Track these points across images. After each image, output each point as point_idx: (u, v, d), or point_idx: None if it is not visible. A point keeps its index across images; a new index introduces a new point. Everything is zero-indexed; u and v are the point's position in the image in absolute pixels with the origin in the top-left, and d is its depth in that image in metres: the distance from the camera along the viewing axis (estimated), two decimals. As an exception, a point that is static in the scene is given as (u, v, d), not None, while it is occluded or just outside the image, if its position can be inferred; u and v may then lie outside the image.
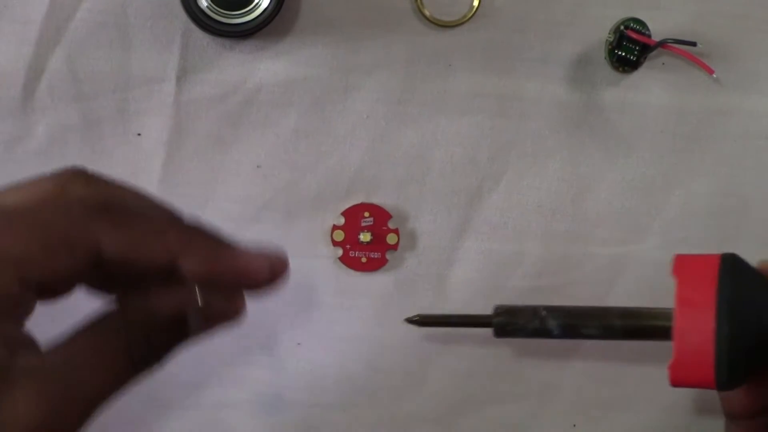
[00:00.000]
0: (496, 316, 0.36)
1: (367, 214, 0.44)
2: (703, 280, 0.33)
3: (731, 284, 0.33)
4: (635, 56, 0.44)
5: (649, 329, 0.35)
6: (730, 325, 0.32)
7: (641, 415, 0.46)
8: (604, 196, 0.45)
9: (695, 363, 0.33)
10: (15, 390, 0.31)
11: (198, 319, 0.35)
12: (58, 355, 0.32)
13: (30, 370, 0.32)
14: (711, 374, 0.33)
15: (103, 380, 0.33)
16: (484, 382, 0.46)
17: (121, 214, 0.32)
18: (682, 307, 0.33)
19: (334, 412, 0.45)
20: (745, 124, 0.45)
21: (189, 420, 0.45)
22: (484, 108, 0.45)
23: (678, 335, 0.33)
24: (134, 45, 0.43)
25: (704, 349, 0.33)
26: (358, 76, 0.44)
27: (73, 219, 0.31)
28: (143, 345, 0.33)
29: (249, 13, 0.42)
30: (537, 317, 0.36)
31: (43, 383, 0.31)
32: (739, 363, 0.33)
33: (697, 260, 0.34)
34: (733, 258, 0.34)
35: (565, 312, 0.36)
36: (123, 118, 0.44)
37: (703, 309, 0.33)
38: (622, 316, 0.36)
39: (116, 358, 0.33)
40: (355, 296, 0.45)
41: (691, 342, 0.33)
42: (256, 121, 0.44)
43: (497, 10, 0.44)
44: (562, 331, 0.36)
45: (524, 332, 0.36)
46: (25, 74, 0.43)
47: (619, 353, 0.46)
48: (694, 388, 0.35)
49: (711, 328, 0.33)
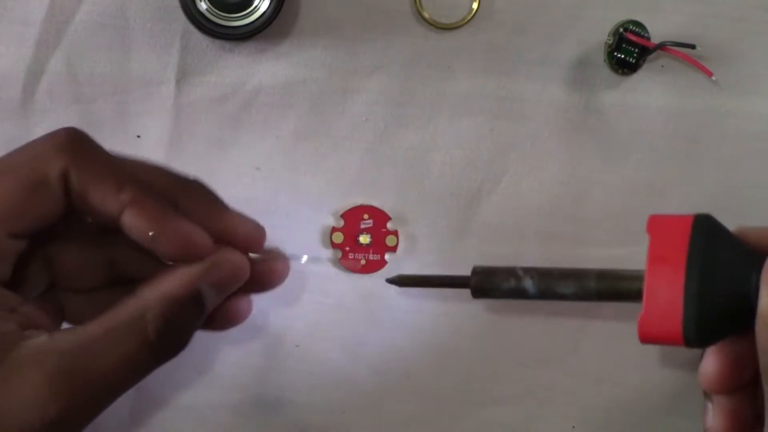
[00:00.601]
0: (473, 276, 0.37)
1: (367, 216, 0.45)
2: (676, 238, 0.33)
3: (703, 243, 0.33)
4: (634, 58, 0.44)
5: (624, 291, 0.36)
6: (699, 282, 0.32)
7: (641, 416, 0.46)
8: (603, 198, 0.45)
9: (664, 319, 0.33)
10: (23, 371, 0.31)
11: (214, 295, 0.36)
12: (69, 339, 0.32)
13: (39, 351, 0.31)
14: (679, 330, 0.33)
15: (117, 366, 0.33)
16: (484, 383, 0.46)
17: (92, 154, 0.34)
18: (652, 264, 0.34)
19: (333, 413, 0.46)
20: (744, 126, 0.45)
21: (188, 420, 0.45)
22: (484, 110, 0.45)
23: (648, 291, 0.33)
24: (134, 47, 0.44)
25: (673, 305, 0.33)
26: (358, 78, 0.44)
27: (45, 156, 0.33)
28: (162, 326, 0.33)
29: (248, 16, 0.42)
30: (513, 277, 0.36)
31: (52, 365, 0.31)
32: (708, 320, 0.33)
33: (671, 220, 0.34)
34: (707, 218, 0.34)
35: (542, 272, 0.36)
36: (122, 120, 0.44)
37: (673, 265, 0.33)
38: (598, 277, 0.36)
39: (132, 343, 0.33)
40: (355, 298, 0.45)
41: (660, 298, 0.33)
42: (255, 123, 0.44)
43: (497, 12, 0.44)
44: (538, 292, 0.36)
45: (500, 292, 0.37)
46: (24, 76, 0.43)
47: (619, 354, 0.46)
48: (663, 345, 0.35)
49: (680, 284, 0.33)
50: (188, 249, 0.35)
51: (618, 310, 0.46)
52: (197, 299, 0.35)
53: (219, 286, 0.36)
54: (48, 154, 0.33)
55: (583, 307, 0.46)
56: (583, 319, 0.46)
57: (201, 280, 0.35)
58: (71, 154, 0.33)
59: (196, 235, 0.35)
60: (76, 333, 0.33)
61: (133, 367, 0.33)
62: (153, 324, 0.33)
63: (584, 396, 0.46)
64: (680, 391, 0.46)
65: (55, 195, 0.33)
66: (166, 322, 0.33)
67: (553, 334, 0.46)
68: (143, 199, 0.34)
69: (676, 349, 0.46)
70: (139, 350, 0.33)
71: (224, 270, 0.36)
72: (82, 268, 0.37)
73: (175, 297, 0.34)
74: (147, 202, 0.34)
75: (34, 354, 0.31)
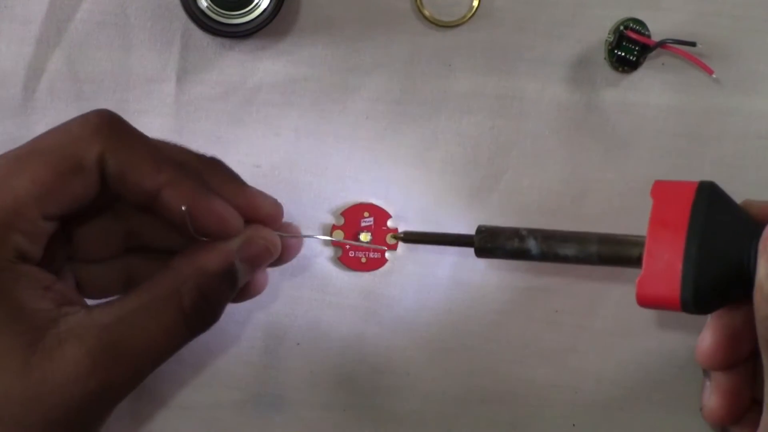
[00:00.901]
0: (478, 235, 0.38)
1: (367, 214, 0.45)
2: (679, 203, 0.34)
3: (705, 210, 0.33)
4: (635, 56, 0.44)
5: (625, 256, 0.36)
6: (699, 247, 0.33)
7: (641, 414, 0.46)
8: (603, 196, 0.45)
9: (662, 282, 0.33)
10: (64, 346, 0.31)
11: (246, 270, 0.37)
12: (108, 313, 0.33)
13: (78, 326, 0.32)
14: (677, 294, 0.33)
15: (156, 339, 0.34)
16: (484, 382, 0.46)
17: (127, 136, 0.35)
18: (654, 227, 0.34)
19: (333, 412, 0.45)
20: (745, 124, 0.45)
21: (188, 420, 0.45)
22: (484, 108, 0.45)
23: (648, 254, 0.34)
24: (134, 45, 0.44)
25: (672, 269, 0.33)
26: (358, 76, 0.44)
27: (81, 140, 0.33)
28: (197, 299, 0.34)
29: (249, 14, 0.42)
30: (517, 237, 0.37)
31: (92, 339, 0.32)
32: (706, 286, 0.33)
33: (675, 185, 0.35)
34: (711, 185, 0.34)
35: (545, 234, 0.37)
36: (123, 117, 0.44)
37: (674, 230, 0.33)
38: (600, 241, 0.36)
39: (169, 315, 0.34)
40: (355, 296, 0.45)
41: (659, 261, 0.33)
42: (256, 121, 0.44)
43: (497, 10, 0.44)
44: (540, 253, 0.37)
45: (504, 252, 0.38)
46: (25, 74, 0.43)
47: (619, 353, 0.46)
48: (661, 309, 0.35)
49: (680, 248, 0.33)
50: (223, 226, 0.36)
51: (618, 309, 0.46)
52: (232, 274, 0.36)
53: (251, 262, 0.37)
54: (83, 139, 0.34)
55: (583, 307, 0.46)
56: (584, 319, 0.46)
57: (235, 255, 0.36)
58: (107, 138, 0.34)
59: (230, 212, 0.36)
60: (114, 307, 0.34)
61: (169, 340, 0.34)
62: (189, 297, 0.34)
63: (584, 395, 0.46)
64: (680, 390, 0.46)
65: (91, 178, 0.34)
66: (201, 296, 0.35)
67: (553, 333, 0.46)
68: (180, 178, 0.35)
69: (677, 349, 0.46)
70: (175, 323, 0.34)
71: (257, 246, 0.37)
72: (101, 240, 0.38)
73: (210, 271, 0.35)
74: (184, 181, 0.35)
75: (74, 329, 0.32)
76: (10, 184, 0.32)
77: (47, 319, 0.32)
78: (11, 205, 0.32)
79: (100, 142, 0.33)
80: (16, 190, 0.32)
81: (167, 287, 0.34)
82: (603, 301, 0.46)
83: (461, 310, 0.45)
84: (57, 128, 0.34)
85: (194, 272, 0.35)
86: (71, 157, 0.33)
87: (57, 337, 0.31)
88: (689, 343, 0.46)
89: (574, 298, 0.46)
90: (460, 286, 0.45)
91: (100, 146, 0.33)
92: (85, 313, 0.33)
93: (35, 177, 0.33)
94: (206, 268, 0.35)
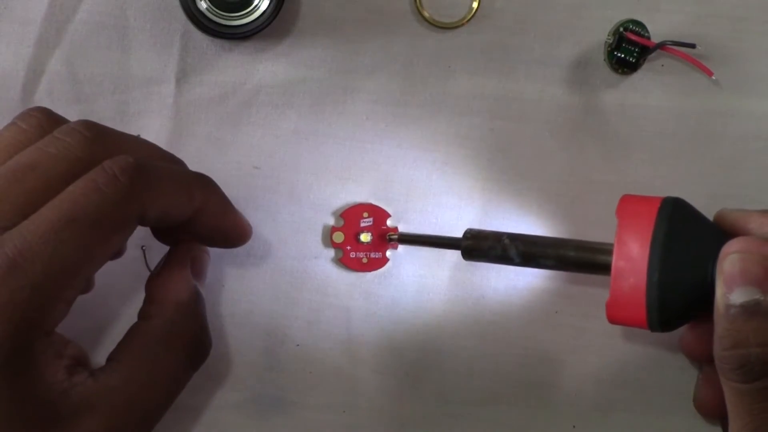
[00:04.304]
0: (464, 240, 0.39)
1: (366, 214, 0.45)
2: (642, 222, 0.33)
3: (667, 229, 0.33)
4: (634, 58, 0.44)
5: (598, 263, 0.36)
6: (660, 270, 0.33)
7: (640, 415, 0.46)
8: (603, 198, 0.45)
9: (629, 305, 0.33)
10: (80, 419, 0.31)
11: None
12: (116, 377, 0.33)
13: (91, 396, 0.32)
14: (643, 317, 0.33)
15: (166, 388, 0.34)
16: (484, 383, 0.46)
17: (157, 181, 0.34)
18: (619, 248, 0.34)
19: (334, 413, 0.45)
20: (745, 125, 0.45)
21: (188, 421, 0.45)
22: (484, 109, 0.45)
23: (614, 276, 0.34)
24: (134, 46, 0.44)
25: (637, 292, 0.33)
26: (358, 77, 0.44)
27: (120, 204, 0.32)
28: (188, 329, 0.34)
29: (248, 15, 0.42)
30: (500, 244, 0.38)
31: (104, 406, 0.32)
32: (671, 308, 0.33)
33: (640, 201, 0.34)
34: (675, 201, 0.34)
35: (526, 241, 0.38)
36: (122, 119, 0.44)
37: (638, 252, 0.33)
38: (576, 248, 0.37)
39: (170, 358, 0.34)
40: (355, 297, 0.45)
41: (625, 284, 0.33)
42: (255, 123, 0.44)
43: (497, 11, 0.44)
44: (521, 259, 0.38)
45: (488, 257, 0.39)
46: (24, 75, 0.43)
47: (619, 353, 0.46)
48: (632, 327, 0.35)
49: (643, 271, 0.33)
50: (245, 237, 0.39)
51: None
52: (199, 294, 0.37)
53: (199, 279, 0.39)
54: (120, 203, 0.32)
55: (583, 307, 0.46)
56: (583, 319, 0.46)
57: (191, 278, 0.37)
58: (141, 192, 0.33)
59: (247, 223, 0.39)
60: (121, 366, 0.33)
61: (177, 384, 0.35)
62: (188, 335, 0.34)
63: (584, 396, 0.46)
64: (680, 391, 0.46)
65: (131, 231, 0.33)
66: (193, 334, 0.34)
67: (553, 334, 0.46)
68: (210, 199, 0.36)
69: (676, 350, 0.46)
70: (180, 365, 0.35)
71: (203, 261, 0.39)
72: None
73: (183, 301, 0.36)
74: (213, 201, 0.37)
75: (87, 399, 0.32)
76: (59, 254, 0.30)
77: (59, 392, 0.31)
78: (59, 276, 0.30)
79: (137, 200, 0.32)
80: (64, 261, 0.31)
81: (158, 333, 0.34)
82: (603, 303, 0.46)
83: (461, 310, 0.45)
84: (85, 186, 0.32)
85: (174, 310, 0.35)
86: (115, 224, 0.32)
87: (71, 409, 0.31)
88: (688, 345, 0.46)
89: (574, 299, 0.46)
90: (460, 286, 0.45)
91: (138, 205, 0.33)
92: (93, 381, 0.32)
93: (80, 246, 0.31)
94: (182, 300, 0.36)
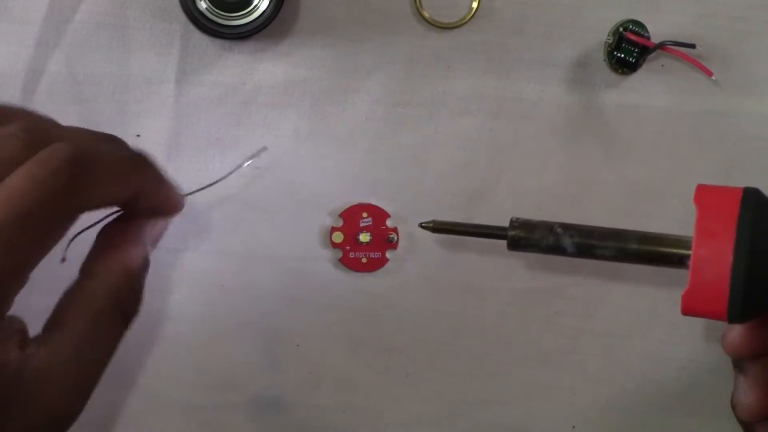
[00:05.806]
0: (511, 229, 0.36)
1: (365, 214, 0.45)
2: (724, 211, 0.33)
3: (752, 218, 0.32)
4: (634, 58, 0.44)
5: (666, 255, 0.34)
6: (747, 260, 0.32)
7: (640, 416, 0.46)
8: (603, 198, 0.45)
9: (709, 294, 0.33)
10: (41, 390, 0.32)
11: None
12: (64, 345, 0.33)
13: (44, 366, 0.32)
14: (724, 307, 0.33)
15: (108, 347, 0.34)
16: (484, 383, 0.46)
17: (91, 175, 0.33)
18: (700, 237, 0.33)
19: (333, 413, 0.46)
20: (744, 125, 0.45)
21: (188, 421, 0.45)
22: (484, 109, 0.45)
23: (694, 265, 0.33)
24: (134, 46, 0.44)
25: (719, 282, 0.32)
26: (358, 77, 0.44)
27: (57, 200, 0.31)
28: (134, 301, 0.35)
29: (248, 15, 0.42)
30: (552, 234, 0.35)
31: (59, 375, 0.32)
32: (753, 298, 0.32)
33: (719, 191, 0.34)
34: (756, 192, 0.34)
35: (581, 231, 0.35)
36: (122, 119, 0.44)
37: (721, 241, 0.32)
38: (640, 240, 0.35)
39: (114, 321, 0.34)
40: (355, 297, 0.45)
41: (707, 273, 0.32)
42: (255, 123, 0.44)
43: (496, 11, 0.44)
44: (576, 250, 0.35)
45: (538, 247, 0.36)
46: (24, 75, 0.43)
47: (619, 353, 0.46)
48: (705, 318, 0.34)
49: (728, 260, 0.32)
50: (177, 209, 0.38)
51: (617, 311, 0.46)
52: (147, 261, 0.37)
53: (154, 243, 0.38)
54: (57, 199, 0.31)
55: (583, 309, 0.46)
56: (583, 319, 0.46)
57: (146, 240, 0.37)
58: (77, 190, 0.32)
59: (179, 196, 0.38)
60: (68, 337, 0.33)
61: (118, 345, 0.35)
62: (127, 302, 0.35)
63: (584, 396, 0.46)
64: (680, 392, 0.46)
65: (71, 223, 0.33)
66: (135, 296, 0.35)
67: (553, 334, 0.46)
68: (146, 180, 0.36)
69: (676, 351, 0.46)
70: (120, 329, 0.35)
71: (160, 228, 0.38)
72: None
73: (136, 271, 0.36)
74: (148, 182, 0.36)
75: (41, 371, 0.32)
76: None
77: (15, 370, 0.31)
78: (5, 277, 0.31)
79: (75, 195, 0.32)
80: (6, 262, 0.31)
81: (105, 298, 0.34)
82: (602, 303, 0.46)
83: (461, 311, 0.46)
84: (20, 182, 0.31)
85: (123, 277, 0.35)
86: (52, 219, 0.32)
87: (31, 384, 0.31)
88: (689, 345, 0.46)
89: (574, 299, 0.46)
90: (459, 287, 0.45)
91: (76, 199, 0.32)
92: (45, 350, 0.32)
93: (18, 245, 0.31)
94: (131, 268, 0.36)
